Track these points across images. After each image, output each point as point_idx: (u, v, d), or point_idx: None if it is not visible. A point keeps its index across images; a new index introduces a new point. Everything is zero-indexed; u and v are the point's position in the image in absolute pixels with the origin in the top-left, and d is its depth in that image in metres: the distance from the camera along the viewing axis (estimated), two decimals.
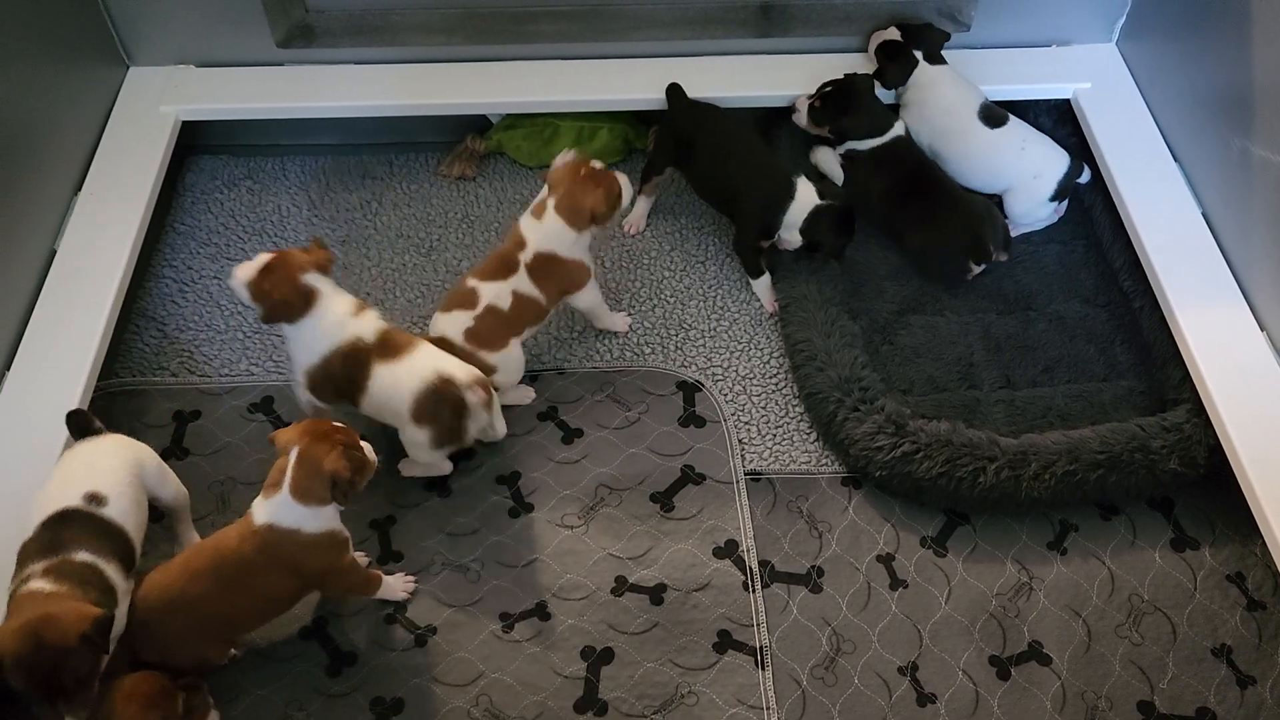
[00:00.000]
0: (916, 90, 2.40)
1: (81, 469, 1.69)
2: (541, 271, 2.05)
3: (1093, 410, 2.14)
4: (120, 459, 1.73)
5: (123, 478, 1.70)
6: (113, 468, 1.71)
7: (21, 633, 1.47)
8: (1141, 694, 1.83)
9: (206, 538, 1.75)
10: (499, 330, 2.04)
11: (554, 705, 1.79)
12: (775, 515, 2.02)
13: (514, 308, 2.04)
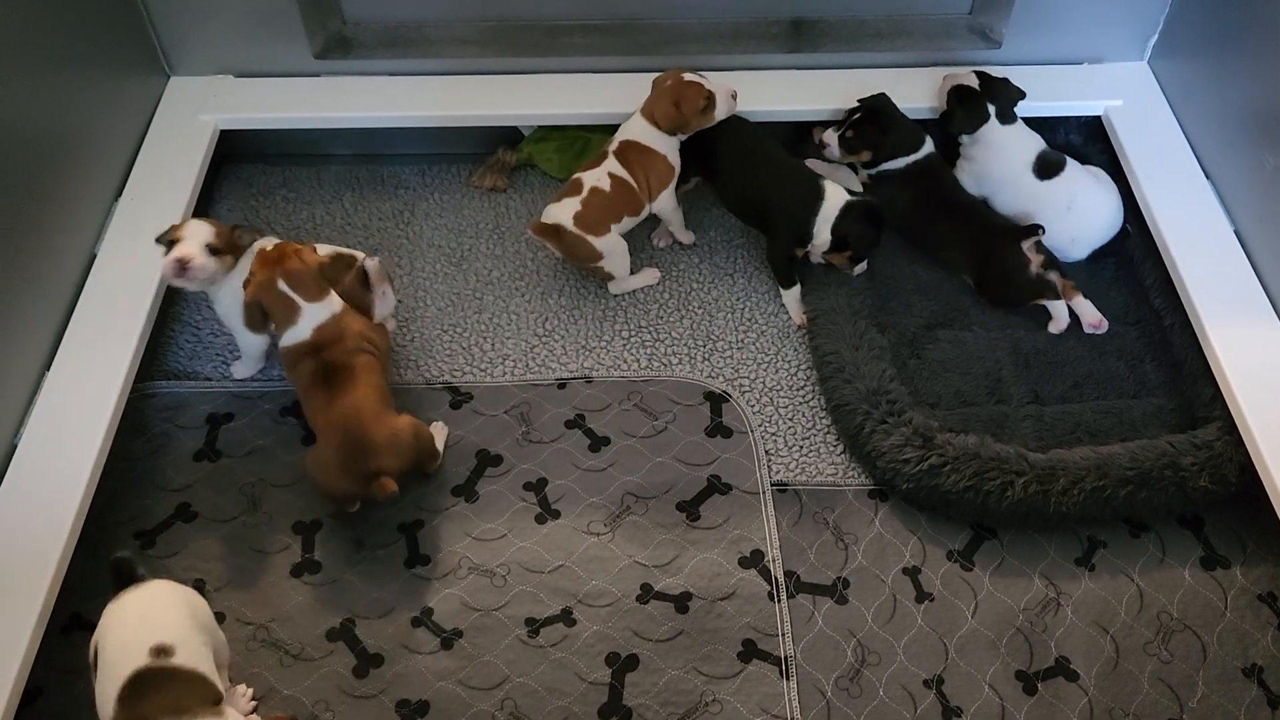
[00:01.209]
0: (980, 146, 2.39)
1: (137, 623, 1.57)
2: (629, 157, 2.29)
3: (1122, 427, 2.13)
4: (172, 602, 1.63)
5: (180, 618, 1.61)
6: (168, 613, 1.60)
7: None
8: (1170, 712, 1.81)
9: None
10: (603, 214, 2.26)
11: (578, 710, 1.79)
12: (801, 526, 2.03)
13: (614, 189, 2.27)
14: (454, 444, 2.12)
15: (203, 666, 1.57)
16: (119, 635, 1.55)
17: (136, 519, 1.99)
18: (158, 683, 1.51)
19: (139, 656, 1.52)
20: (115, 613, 1.58)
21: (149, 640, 1.54)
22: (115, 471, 2.01)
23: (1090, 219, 2.36)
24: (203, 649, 1.59)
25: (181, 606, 1.62)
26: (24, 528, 1.78)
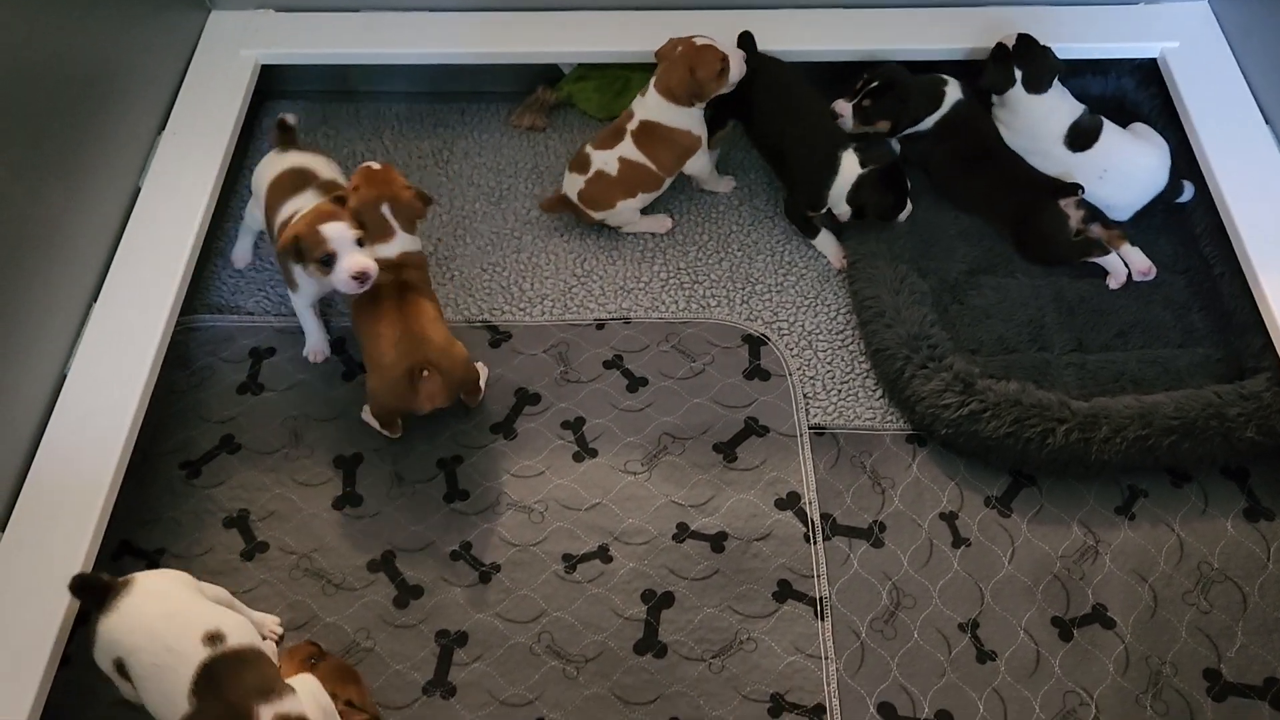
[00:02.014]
0: (1007, 110, 2.33)
1: (165, 623, 1.53)
2: (647, 139, 2.25)
3: (1167, 376, 2.10)
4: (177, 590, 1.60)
5: (196, 599, 1.59)
6: (185, 602, 1.58)
7: None
8: (1208, 662, 1.80)
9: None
10: (608, 193, 2.27)
11: (614, 645, 1.82)
12: (838, 470, 2.02)
13: (622, 173, 2.26)
14: (493, 382, 2.13)
15: (255, 639, 1.58)
16: (157, 640, 1.51)
17: (182, 449, 2.02)
18: (230, 669, 1.50)
19: (195, 651, 1.50)
20: (128, 620, 1.53)
21: (193, 633, 1.52)
22: (161, 403, 2.04)
23: (1126, 185, 2.29)
24: (235, 617, 1.59)
25: (186, 589, 1.61)
26: (75, 456, 1.81)
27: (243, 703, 1.48)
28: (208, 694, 1.48)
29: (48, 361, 1.88)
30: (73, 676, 1.73)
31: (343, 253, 1.87)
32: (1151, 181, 2.29)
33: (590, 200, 2.29)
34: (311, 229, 1.87)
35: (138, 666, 1.50)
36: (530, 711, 1.75)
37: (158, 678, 1.50)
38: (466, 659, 1.80)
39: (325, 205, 1.93)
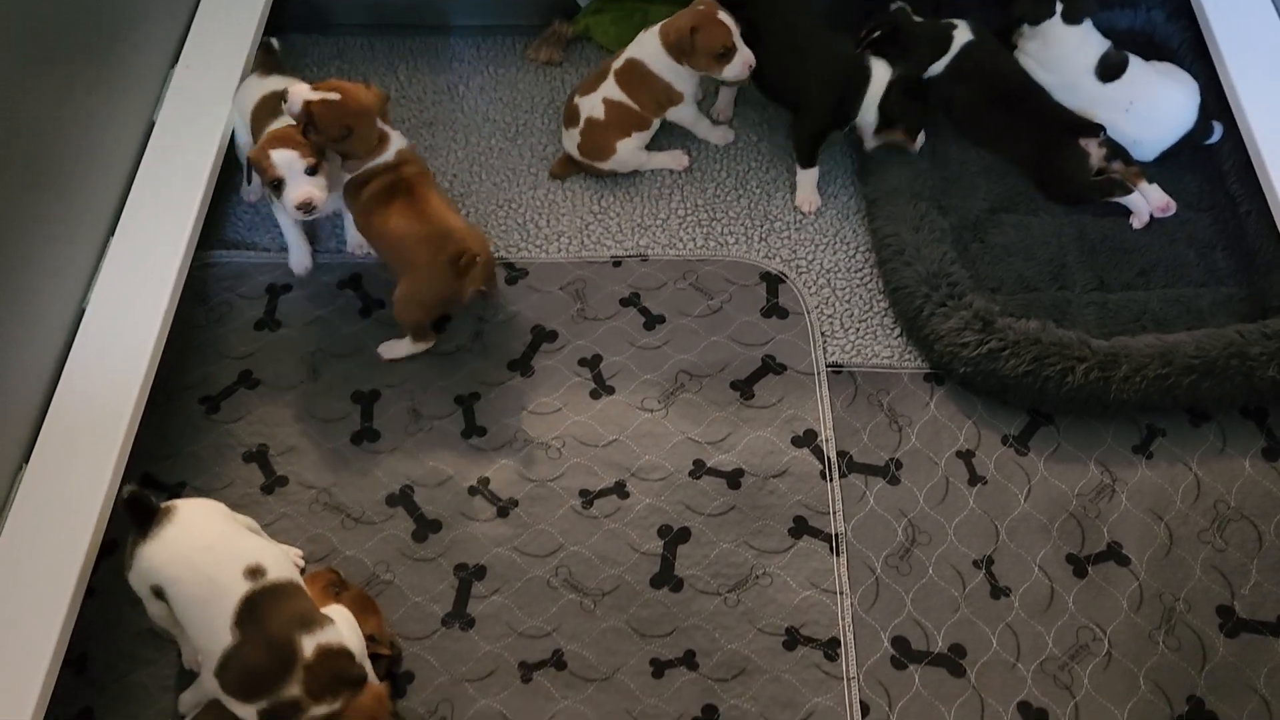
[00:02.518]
0: (1038, 42, 2.28)
1: (205, 553, 1.55)
2: (629, 79, 2.23)
3: (1189, 316, 2.08)
4: (217, 521, 1.62)
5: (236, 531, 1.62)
6: (226, 534, 1.60)
7: None
8: (1222, 599, 1.81)
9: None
10: (602, 139, 2.25)
11: (631, 579, 1.83)
12: (855, 408, 2.02)
13: (609, 116, 2.23)
14: (509, 319, 2.13)
15: (293, 572, 1.60)
16: (198, 572, 1.53)
17: (201, 384, 2.03)
18: (271, 602, 1.53)
19: (236, 584, 1.52)
20: (169, 550, 1.55)
21: (233, 566, 1.54)
22: (179, 338, 2.05)
23: (1153, 120, 2.25)
24: (273, 549, 1.61)
25: (225, 520, 1.63)
26: (95, 391, 1.82)
27: (285, 635, 1.51)
28: (250, 626, 1.51)
29: (66, 296, 1.88)
30: (99, 607, 1.77)
31: (290, 181, 1.90)
32: (1179, 119, 2.25)
33: (589, 151, 2.27)
34: (263, 153, 1.91)
35: (178, 596, 1.53)
36: (548, 643, 1.77)
37: (199, 608, 1.53)
38: (485, 592, 1.82)
39: (285, 130, 1.95)
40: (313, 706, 1.50)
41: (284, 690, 1.50)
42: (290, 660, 1.50)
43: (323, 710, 1.50)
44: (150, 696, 1.70)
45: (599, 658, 1.76)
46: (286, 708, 1.50)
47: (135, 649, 1.74)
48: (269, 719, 1.51)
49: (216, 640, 1.51)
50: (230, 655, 1.51)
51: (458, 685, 1.73)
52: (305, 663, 1.51)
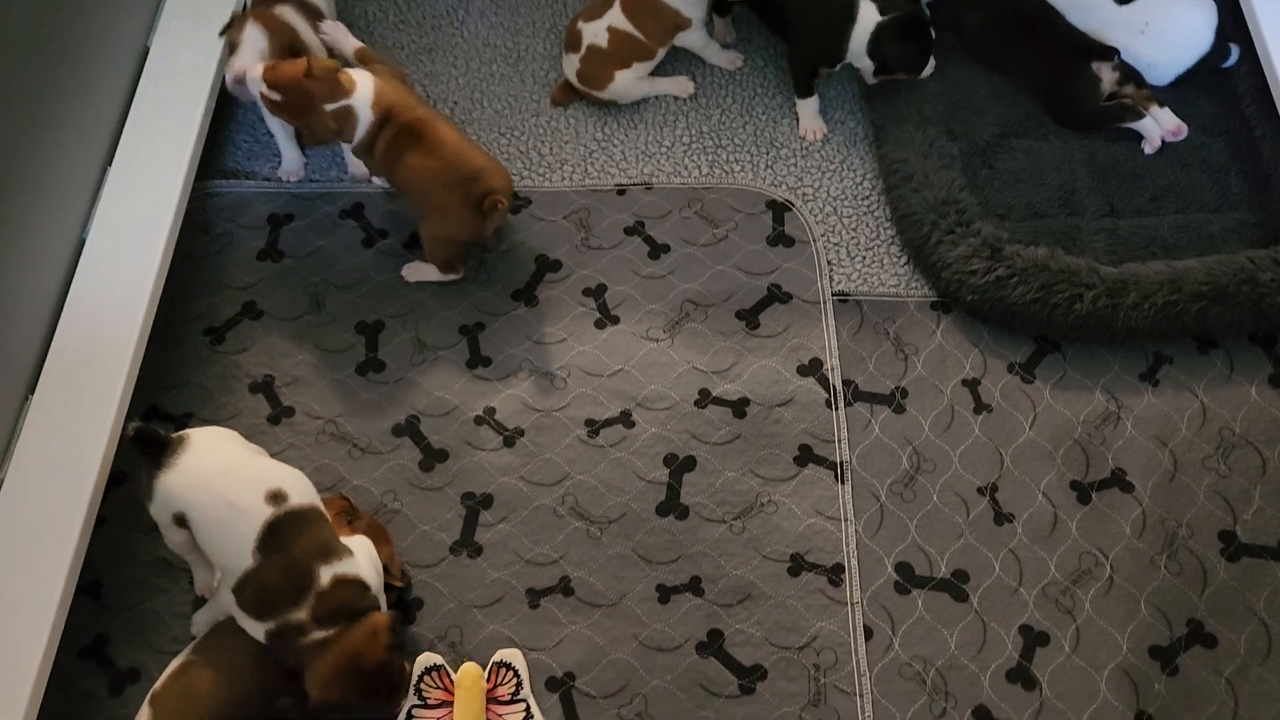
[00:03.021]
0: None
1: (223, 479, 1.56)
2: (635, 7, 2.17)
3: (1200, 242, 2.06)
4: (236, 446, 1.63)
5: (254, 457, 1.64)
6: (243, 460, 1.61)
7: (343, 677, 1.54)
8: (1224, 524, 1.82)
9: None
10: (603, 67, 2.20)
11: (637, 507, 1.85)
12: (861, 336, 2.01)
13: (612, 44, 2.18)
14: (513, 249, 2.11)
15: (314, 498, 1.62)
16: (218, 496, 1.54)
17: (204, 316, 2.03)
18: (293, 528, 1.55)
19: (259, 509, 1.54)
20: (188, 476, 1.55)
21: (254, 489, 1.55)
22: (181, 270, 2.03)
23: (1167, 44, 2.20)
24: (293, 473, 1.62)
25: (240, 445, 1.64)
26: (98, 322, 1.82)
27: (305, 562, 1.54)
28: (272, 551, 1.53)
29: (66, 228, 1.86)
30: (110, 536, 1.78)
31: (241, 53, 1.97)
32: (1196, 42, 2.20)
33: (587, 79, 2.23)
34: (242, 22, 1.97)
35: (200, 520, 1.55)
36: (555, 570, 1.79)
37: (221, 531, 1.55)
38: (492, 520, 1.84)
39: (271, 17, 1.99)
40: (313, 631, 1.53)
41: (293, 614, 1.53)
42: (305, 587, 1.53)
43: (320, 635, 1.54)
44: (164, 623, 1.72)
45: (606, 584, 1.78)
46: (292, 630, 1.54)
47: (148, 577, 1.76)
48: (275, 638, 1.55)
49: (238, 562, 1.54)
50: (249, 576, 1.53)
51: (466, 611, 1.75)
52: (319, 590, 1.53)
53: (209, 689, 1.55)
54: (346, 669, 1.53)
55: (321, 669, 1.54)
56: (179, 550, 1.66)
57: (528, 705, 1.66)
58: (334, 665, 1.53)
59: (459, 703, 1.62)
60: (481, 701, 1.64)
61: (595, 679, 1.70)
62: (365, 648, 1.54)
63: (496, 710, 1.65)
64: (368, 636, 1.54)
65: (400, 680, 1.60)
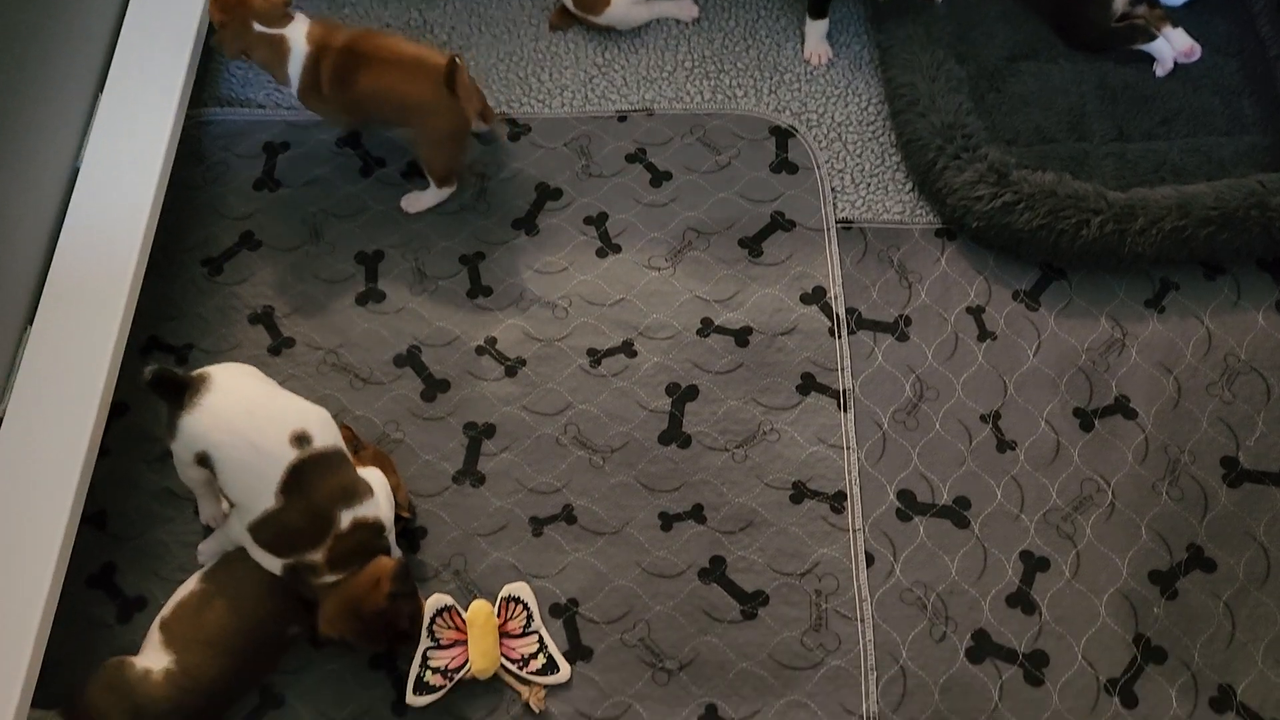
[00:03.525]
0: None
1: (246, 419, 1.54)
2: None
3: (1210, 166, 2.03)
4: (257, 385, 1.61)
5: (276, 394, 1.62)
6: (267, 396, 1.60)
7: (345, 620, 1.55)
8: (1226, 450, 1.82)
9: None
10: None
11: (639, 436, 1.85)
12: (865, 264, 2.00)
13: None
14: (512, 177, 2.08)
15: (336, 438, 1.61)
16: (241, 437, 1.53)
17: (202, 246, 2.01)
18: (317, 472, 1.54)
19: (283, 451, 1.53)
20: (212, 417, 1.54)
21: (278, 430, 1.54)
22: (178, 200, 2.01)
23: None
24: (315, 411, 1.61)
25: (261, 383, 1.62)
26: (95, 252, 1.79)
27: (327, 506, 1.54)
28: (295, 494, 1.53)
29: (59, 155, 1.83)
30: (114, 466, 1.79)
31: None
32: None
33: (584, 4, 2.17)
34: None
35: (223, 460, 1.54)
36: (558, 499, 1.80)
37: (244, 471, 1.54)
38: (495, 449, 1.84)
39: None
40: (326, 574, 1.55)
41: (309, 555, 1.54)
42: (325, 531, 1.55)
43: (331, 579, 1.55)
44: (169, 552, 1.74)
45: (608, 512, 1.79)
46: (306, 569, 1.55)
47: (153, 506, 1.77)
48: (290, 572, 1.56)
49: (259, 502, 1.54)
50: (270, 517, 1.54)
51: (470, 540, 1.76)
52: (337, 533, 1.55)
53: (219, 616, 1.57)
54: (348, 614, 1.55)
55: (328, 610, 1.56)
56: (192, 486, 1.67)
57: (540, 637, 1.68)
58: (337, 609, 1.55)
59: (473, 641, 1.64)
60: (495, 637, 1.65)
61: (599, 605, 1.72)
62: (367, 595, 1.54)
63: (509, 644, 1.67)
64: (370, 585, 1.55)
65: (407, 625, 1.59)
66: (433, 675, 1.61)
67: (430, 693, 1.60)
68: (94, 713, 1.51)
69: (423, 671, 1.61)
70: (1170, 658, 1.68)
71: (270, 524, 1.54)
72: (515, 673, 1.65)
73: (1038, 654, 1.68)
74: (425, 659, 1.63)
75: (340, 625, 1.56)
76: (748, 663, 1.67)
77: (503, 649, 1.65)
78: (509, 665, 1.65)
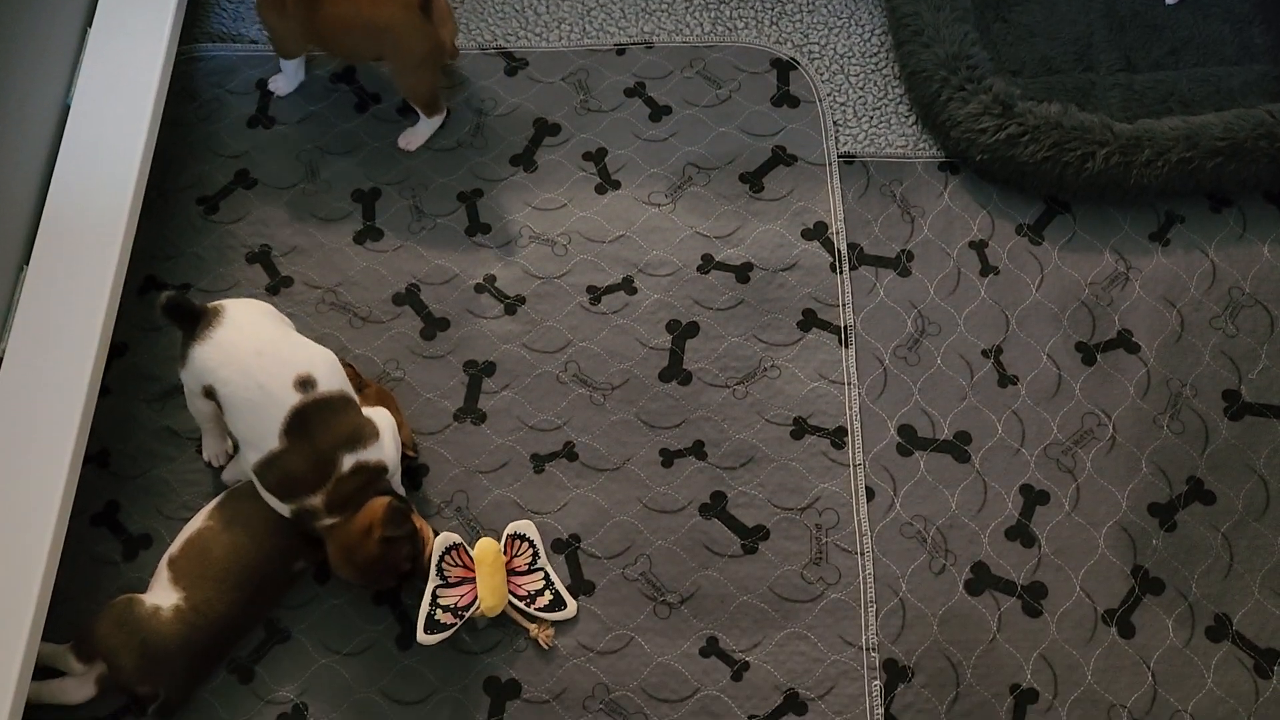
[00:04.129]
0: None
1: (255, 358, 1.54)
2: None
3: (1219, 96, 2.00)
4: (270, 324, 1.61)
5: (287, 335, 1.61)
6: (278, 337, 1.59)
7: (343, 564, 1.56)
8: (1229, 383, 1.82)
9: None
10: None
11: (640, 374, 1.84)
12: (867, 199, 1.97)
13: None
14: (510, 112, 2.05)
15: (343, 382, 1.61)
16: (249, 376, 1.53)
17: (197, 185, 1.99)
18: (321, 415, 1.55)
19: (287, 394, 1.53)
20: (221, 352, 1.55)
21: (284, 372, 1.54)
22: (171, 138, 1.99)
23: None
24: (322, 354, 1.61)
25: (274, 323, 1.62)
26: (89, 188, 1.78)
27: (329, 450, 1.55)
28: (299, 437, 1.54)
29: (49, 92, 1.81)
30: (115, 406, 1.79)
31: None
32: None
33: None
34: None
35: (230, 397, 1.55)
36: (559, 436, 1.80)
37: (249, 409, 1.54)
38: (495, 387, 1.84)
39: None
40: (324, 518, 1.56)
41: (309, 500, 1.55)
42: (327, 475, 1.55)
43: (330, 522, 1.56)
44: (172, 490, 1.74)
45: (609, 449, 1.79)
46: (308, 513, 1.56)
47: (155, 445, 1.77)
48: (297, 516, 1.58)
49: (264, 442, 1.54)
50: (274, 459, 1.54)
51: (472, 477, 1.77)
52: (338, 476, 1.55)
53: (226, 552, 1.58)
54: (345, 560, 1.57)
55: (330, 552, 1.58)
56: (200, 419, 1.68)
57: (545, 573, 1.69)
58: (336, 554, 1.57)
59: (481, 578, 1.64)
60: (502, 574, 1.66)
61: (600, 540, 1.73)
62: (359, 543, 1.55)
63: (516, 581, 1.68)
64: (361, 532, 1.55)
65: (408, 566, 1.60)
66: (443, 614, 1.62)
67: (441, 631, 1.61)
68: (104, 649, 1.53)
69: (433, 610, 1.63)
70: (1168, 588, 1.69)
71: (274, 467, 1.55)
72: (523, 609, 1.66)
73: (1036, 586, 1.69)
74: (435, 597, 1.64)
75: (342, 569, 1.58)
76: (748, 596, 1.69)
77: (510, 586, 1.67)
78: (516, 602, 1.66)
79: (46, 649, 1.55)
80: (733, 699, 1.62)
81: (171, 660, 1.53)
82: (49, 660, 1.56)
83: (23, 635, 1.46)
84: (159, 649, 1.53)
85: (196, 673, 1.58)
